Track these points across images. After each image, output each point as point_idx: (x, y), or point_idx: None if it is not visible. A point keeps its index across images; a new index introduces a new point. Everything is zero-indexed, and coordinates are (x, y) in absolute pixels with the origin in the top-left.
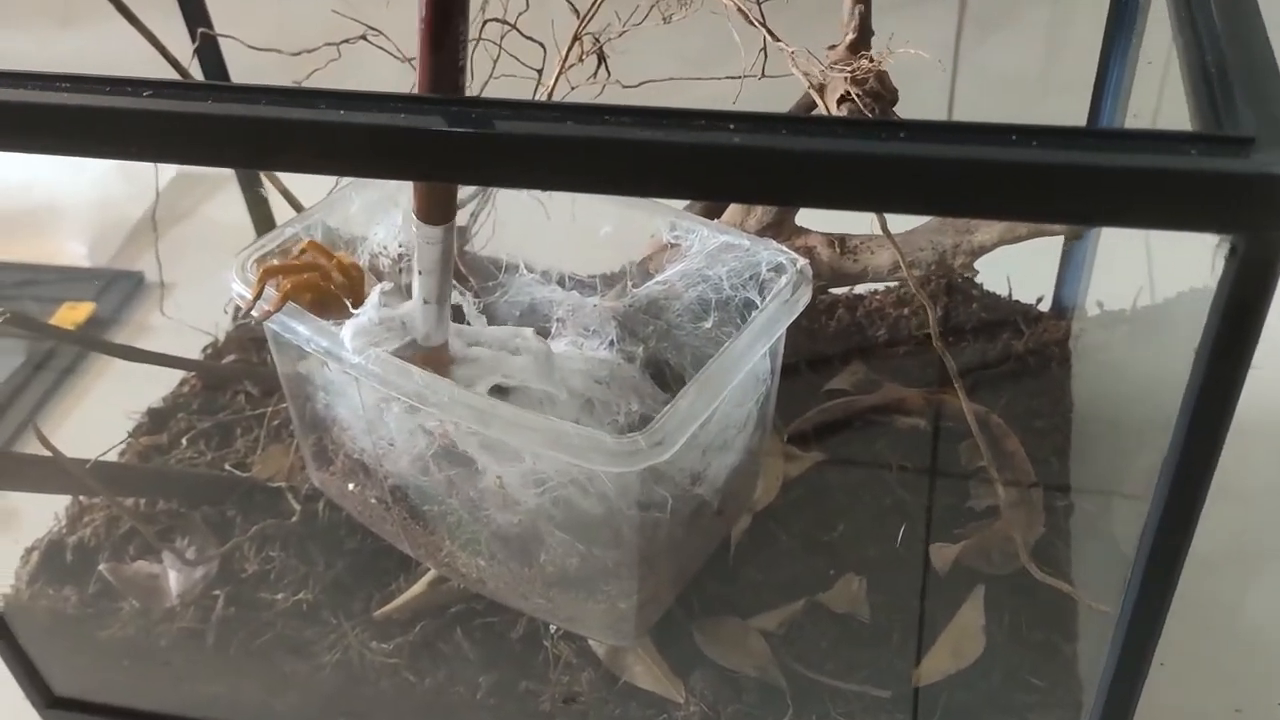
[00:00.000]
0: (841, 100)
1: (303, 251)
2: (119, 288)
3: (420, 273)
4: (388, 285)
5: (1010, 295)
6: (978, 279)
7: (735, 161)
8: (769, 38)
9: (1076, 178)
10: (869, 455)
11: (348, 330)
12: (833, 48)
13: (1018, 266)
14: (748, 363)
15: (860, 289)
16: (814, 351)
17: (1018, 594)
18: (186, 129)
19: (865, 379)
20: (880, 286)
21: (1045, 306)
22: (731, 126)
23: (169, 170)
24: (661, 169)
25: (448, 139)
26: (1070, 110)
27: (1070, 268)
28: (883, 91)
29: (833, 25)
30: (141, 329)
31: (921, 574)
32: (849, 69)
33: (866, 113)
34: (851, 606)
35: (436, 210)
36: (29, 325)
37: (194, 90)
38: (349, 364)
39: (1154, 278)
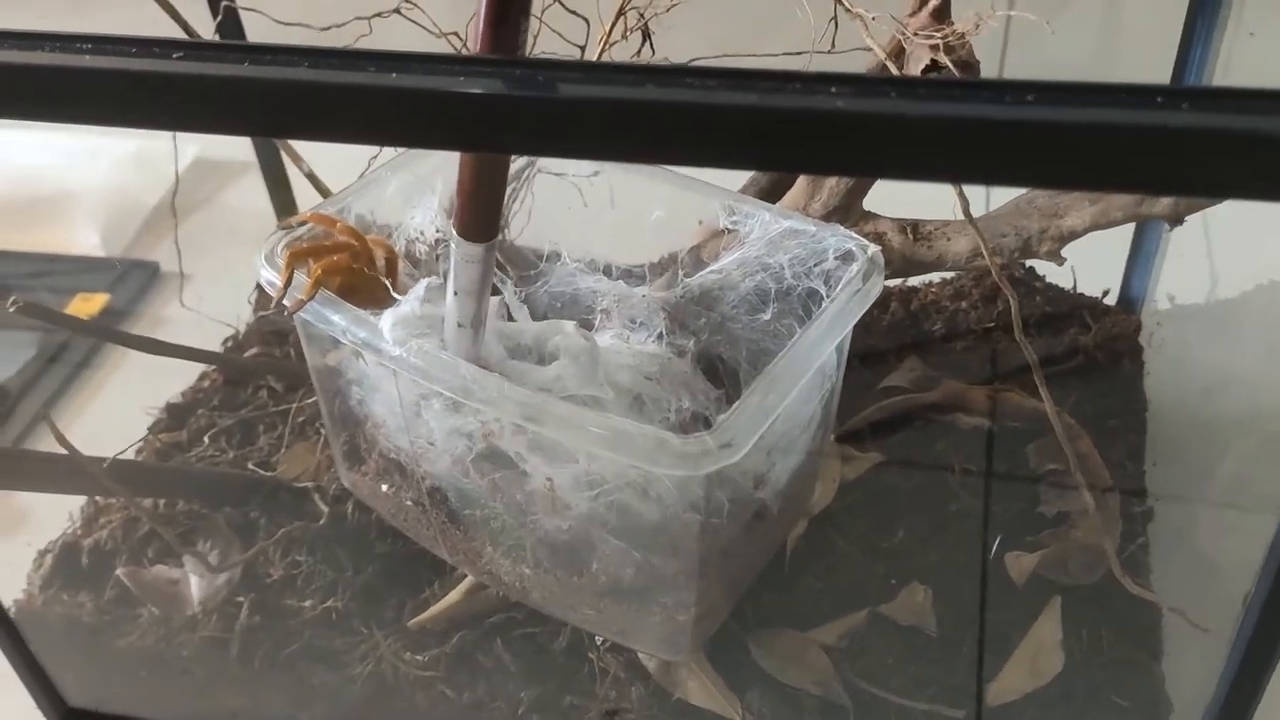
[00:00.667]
0: (927, 70)
1: (303, 221)
2: (134, 278)
3: (456, 293)
4: (435, 280)
5: (1075, 288)
6: (1040, 270)
7: (839, 129)
8: (840, 4)
9: (1244, 145)
10: (929, 456)
11: (387, 320)
12: (913, 14)
13: (1080, 258)
14: (819, 357)
15: (914, 281)
16: (867, 346)
17: (1096, 606)
18: (220, 94)
19: (923, 375)
20: (935, 278)
21: (1112, 300)
22: (833, 90)
23: (186, 156)
24: (754, 137)
25: (516, 104)
26: None
27: (1140, 258)
28: (971, 61)
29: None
30: (158, 321)
31: (993, 584)
32: (937, 36)
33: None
34: (917, 618)
35: (478, 226)
36: (44, 315)
37: (229, 52)
38: (388, 356)
39: (1219, 269)
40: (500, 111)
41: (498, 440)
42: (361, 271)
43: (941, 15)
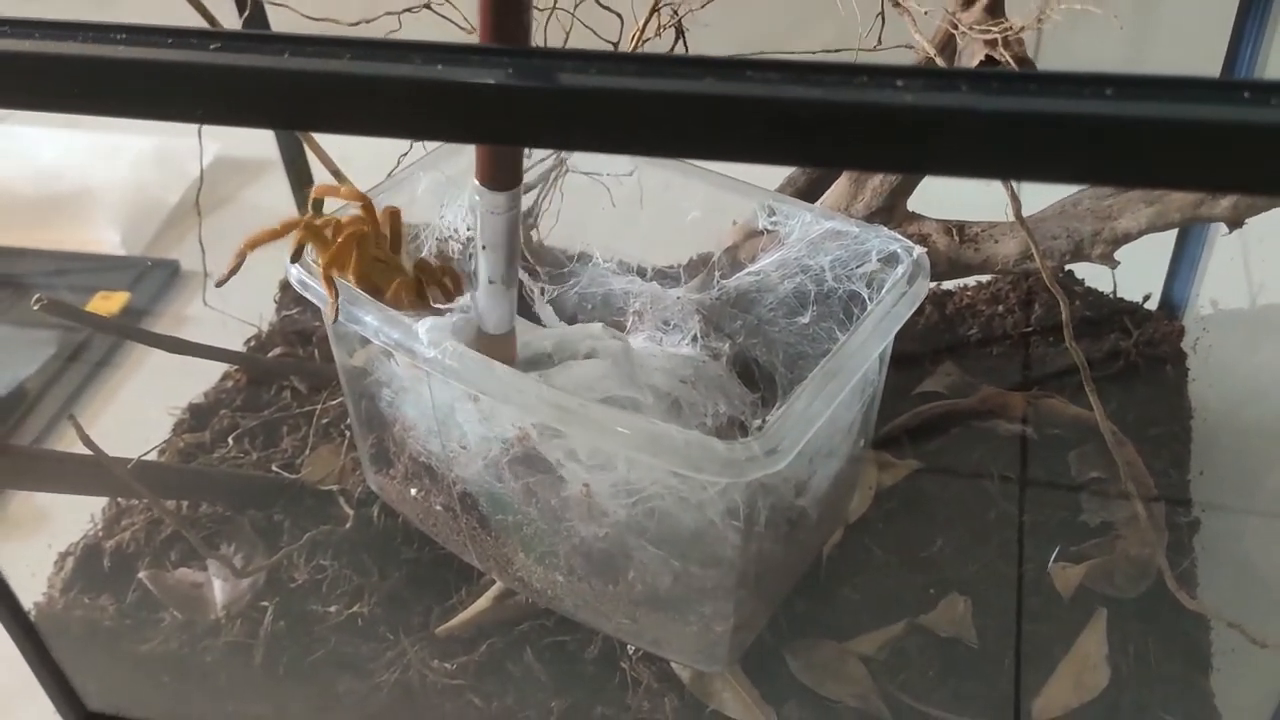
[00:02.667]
0: (982, 66)
1: (317, 200)
2: (154, 277)
3: (484, 248)
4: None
5: (1115, 292)
6: (1079, 273)
7: (909, 124)
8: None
9: None
10: (967, 464)
11: (424, 324)
12: (964, 9)
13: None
14: (865, 361)
15: (949, 284)
16: (901, 351)
17: (1141, 619)
18: (260, 87)
19: (960, 381)
20: (971, 282)
21: (1153, 305)
22: (900, 83)
23: (208, 153)
24: (820, 133)
25: (570, 98)
26: None
27: (1183, 263)
28: (1027, 58)
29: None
30: (179, 320)
31: (1036, 596)
32: (995, 30)
33: None
34: (957, 630)
35: (502, 173)
36: (68, 313)
37: (269, 43)
38: (422, 358)
39: (1264, 275)
40: (555, 107)
41: (533, 444)
42: (365, 246)
43: (995, 10)
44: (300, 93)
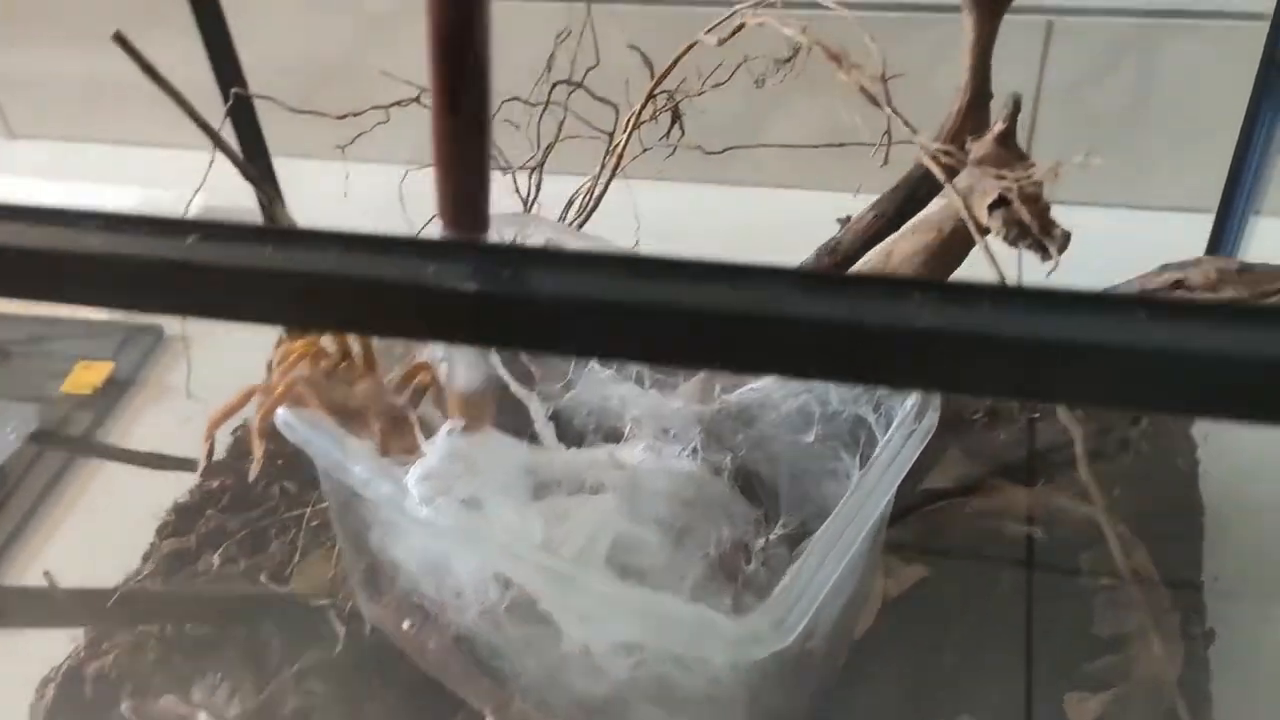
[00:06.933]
0: (995, 205)
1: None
2: (137, 344)
3: None
4: (457, 423)
5: None
6: None
7: (923, 348)
8: (901, 123)
9: None
10: (976, 570)
11: (414, 475)
12: (976, 140)
13: None
14: (873, 512)
15: None
16: None
17: None
18: (240, 284)
19: (966, 473)
20: None
21: None
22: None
23: (193, 206)
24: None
25: (578, 305)
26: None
27: None
28: (1037, 194)
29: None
30: (163, 389)
31: None
32: (1009, 177)
33: (1027, 222)
34: None
35: (467, 215)
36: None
37: (247, 234)
38: (416, 517)
39: None
40: (537, 312)
41: (532, 598)
42: (323, 383)
43: (1007, 140)
44: (286, 293)
